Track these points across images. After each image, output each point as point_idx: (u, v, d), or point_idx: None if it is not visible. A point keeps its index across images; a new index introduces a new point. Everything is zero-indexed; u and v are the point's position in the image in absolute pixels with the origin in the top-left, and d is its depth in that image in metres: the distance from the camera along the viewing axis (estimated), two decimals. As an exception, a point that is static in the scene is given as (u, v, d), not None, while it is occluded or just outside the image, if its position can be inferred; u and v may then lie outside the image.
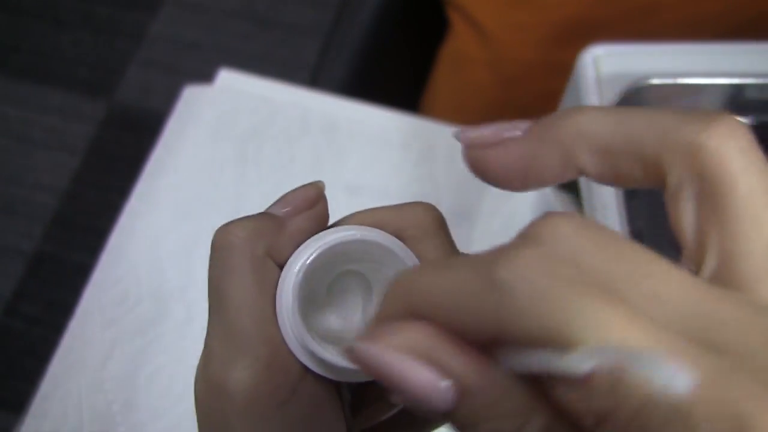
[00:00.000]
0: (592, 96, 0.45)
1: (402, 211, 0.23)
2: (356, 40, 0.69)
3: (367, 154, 0.58)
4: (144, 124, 1.35)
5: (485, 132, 0.19)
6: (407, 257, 0.22)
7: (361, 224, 0.23)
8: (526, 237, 0.15)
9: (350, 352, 0.16)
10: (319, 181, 0.24)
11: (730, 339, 0.13)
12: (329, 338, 0.23)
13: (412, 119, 0.60)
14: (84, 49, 1.46)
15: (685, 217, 0.17)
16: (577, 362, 0.13)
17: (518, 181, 0.19)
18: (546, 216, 0.15)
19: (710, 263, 0.16)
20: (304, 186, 0.24)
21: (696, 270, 0.17)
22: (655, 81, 0.45)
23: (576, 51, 0.48)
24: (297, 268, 0.22)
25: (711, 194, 0.16)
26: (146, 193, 0.56)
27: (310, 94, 0.60)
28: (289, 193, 0.24)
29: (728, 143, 0.16)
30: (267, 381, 0.21)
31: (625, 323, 0.13)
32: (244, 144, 0.58)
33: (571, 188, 0.53)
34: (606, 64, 0.46)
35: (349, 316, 0.24)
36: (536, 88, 0.68)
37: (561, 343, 0.13)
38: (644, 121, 0.17)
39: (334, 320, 0.24)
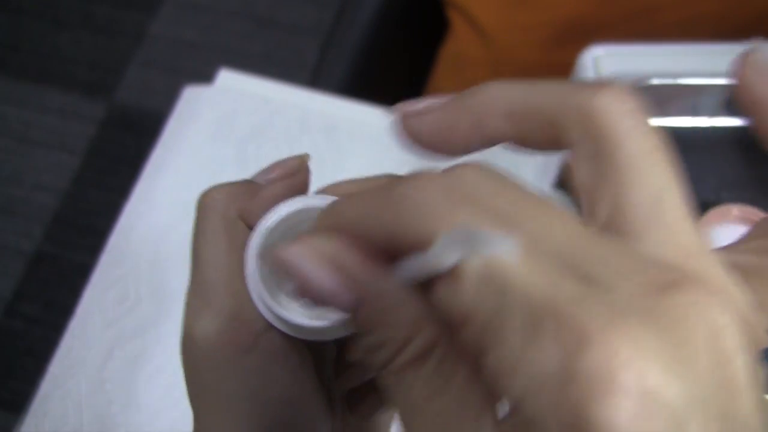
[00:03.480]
0: (592, 96, 0.45)
1: None
2: (356, 40, 0.70)
3: (367, 155, 0.58)
4: (144, 125, 1.35)
5: (414, 104, 0.21)
6: None
7: (337, 194, 0.24)
8: (436, 173, 0.17)
9: (271, 255, 0.18)
10: (305, 154, 0.26)
11: (597, 273, 0.14)
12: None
13: (412, 119, 0.59)
14: (84, 49, 1.46)
15: (580, 174, 0.18)
16: (440, 255, 0.14)
17: (441, 146, 0.20)
18: (459, 163, 0.17)
19: (600, 215, 0.17)
20: (290, 157, 0.26)
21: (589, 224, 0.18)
22: (655, 81, 0.45)
23: (576, 51, 0.48)
24: (259, 229, 0.24)
25: (601, 152, 0.18)
26: (146, 193, 0.56)
27: (309, 95, 0.60)
28: (274, 162, 0.26)
29: (616, 106, 0.18)
30: (230, 331, 0.23)
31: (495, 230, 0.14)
32: (244, 144, 0.58)
33: (568, 188, 0.53)
34: (606, 65, 0.46)
35: None
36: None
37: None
38: (545, 89, 0.19)
39: None
